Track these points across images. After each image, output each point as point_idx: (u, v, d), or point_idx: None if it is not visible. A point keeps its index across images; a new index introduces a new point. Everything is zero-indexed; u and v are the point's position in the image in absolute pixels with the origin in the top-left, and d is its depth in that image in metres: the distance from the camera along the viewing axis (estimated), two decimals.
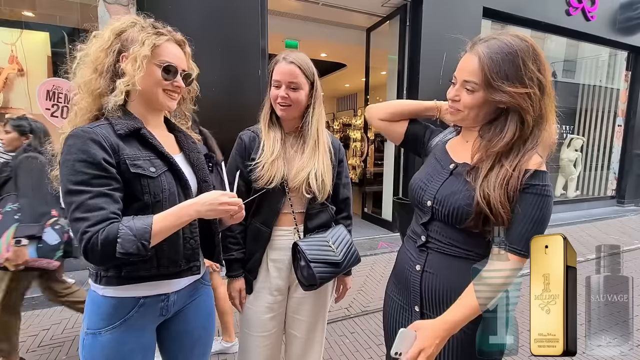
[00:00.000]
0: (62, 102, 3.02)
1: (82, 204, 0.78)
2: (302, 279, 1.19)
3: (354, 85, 9.48)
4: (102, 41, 0.88)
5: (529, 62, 0.79)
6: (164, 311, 0.97)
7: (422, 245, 0.94)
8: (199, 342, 1.09)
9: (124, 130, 0.86)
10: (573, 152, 6.22)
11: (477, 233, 0.85)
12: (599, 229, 5.22)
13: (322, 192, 1.22)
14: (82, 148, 0.80)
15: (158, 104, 0.95)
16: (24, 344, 2.23)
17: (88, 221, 0.77)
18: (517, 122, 0.80)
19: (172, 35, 0.95)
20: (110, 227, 0.78)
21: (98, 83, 0.87)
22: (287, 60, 1.18)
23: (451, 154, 0.97)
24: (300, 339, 1.33)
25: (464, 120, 0.90)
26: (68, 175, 0.79)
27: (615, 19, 5.71)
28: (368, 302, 2.87)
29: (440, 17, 4.17)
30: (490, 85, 0.80)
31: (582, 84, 6.47)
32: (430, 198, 0.92)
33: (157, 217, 0.82)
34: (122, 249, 0.77)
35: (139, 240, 0.78)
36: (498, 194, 0.79)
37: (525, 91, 0.78)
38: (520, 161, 0.81)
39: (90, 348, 0.88)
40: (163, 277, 0.93)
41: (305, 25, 4.87)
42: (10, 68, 2.99)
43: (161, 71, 0.90)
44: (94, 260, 0.80)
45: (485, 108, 0.85)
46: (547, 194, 0.80)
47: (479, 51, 0.82)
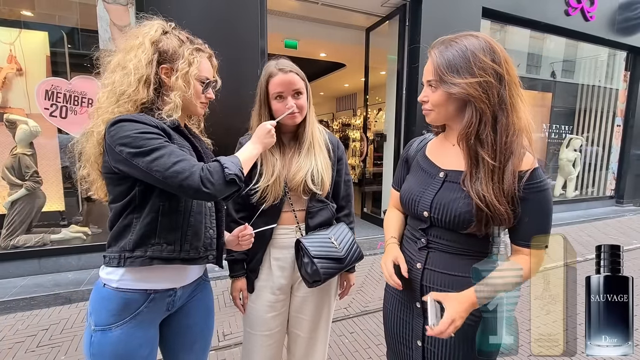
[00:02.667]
0: (60, 102, 3.01)
1: (172, 152, 0.85)
2: (306, 275, 1.19)
3: (353, 85, 9.48)
4: (143, 50, 0.93)
5: (480, 54, 0.83)
6: (170, 306, 1.01)
7: (424, 247, 0.96)
8: (200, 337, 1.11)
9: (170, 122, 0.94)
10: (572, 152, 6.23)
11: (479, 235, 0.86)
12: (598, 229, 5.22)
13: (322, 189, 1.23)
14: (136, 123, 0.85)
15: (194, 112, 1.06)
16: (22, 344, 2.23)
17: (189, 160, 0.86)
18: (472, 110, 0.84)
19: (205, 50, 1.04)
20: (212, 162, 0.89)
21: (144, 93, 0.92)
22: (283, 70, 1.17)
23: (435, 161, 0.99)
24: (304, 338, 1.32)
25: (437, 118, 0.94)
26: (137, 141, 0.83)
27: (614, 19, 5.71)
28: (367, 302, 2.87)
29: (440, 17, 4.17)
30: (443, 80, 0.85)
31: (581, 84, 6.47)
32: (426, 208, 0.93)
33: (238, 153, 0.98)
34: (230, 171, 0.87)
35: (237, 166, 0.90)
36: (493, 193, 0.81)
37: (475, 80, 0.82)
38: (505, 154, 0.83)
39: (100, 344, 0.90)
40: (183, 261, 0.97)
41: (305, 25, 4.86)
42: (9, 67, 2.98)
43: (202, 86, 1.00)
44: (211, 188, 0.85)
45: (450, 103, 0.88)
46: (546, 188, 0.84)
47: (432, 53, 0.89)
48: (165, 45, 0.95)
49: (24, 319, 2.55)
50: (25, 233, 3.11)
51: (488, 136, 0.83)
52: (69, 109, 3.03)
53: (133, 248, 0.90)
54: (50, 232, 3.22)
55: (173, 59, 0.95)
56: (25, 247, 3.07)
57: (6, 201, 3.06)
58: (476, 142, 0.84)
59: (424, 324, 0.95)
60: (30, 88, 3.00)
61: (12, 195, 3.07)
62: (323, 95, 11.74)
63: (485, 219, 0.82)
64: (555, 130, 6.28)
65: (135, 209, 0.91)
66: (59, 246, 3.17)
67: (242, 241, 1.10)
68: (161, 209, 0.92)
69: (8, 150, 3.03)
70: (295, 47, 5.44)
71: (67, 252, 3.15)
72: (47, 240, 3.16)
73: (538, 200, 0.83)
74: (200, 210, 1.01)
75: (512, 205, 0.82)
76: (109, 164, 0.88)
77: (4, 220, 3.06)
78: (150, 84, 0.93)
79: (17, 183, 3.07)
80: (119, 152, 0.83)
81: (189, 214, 0.97)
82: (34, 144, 3.12)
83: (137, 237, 0.90)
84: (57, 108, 3.00)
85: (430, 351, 0.94)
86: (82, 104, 3.07)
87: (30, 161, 3.09)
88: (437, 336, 0.81)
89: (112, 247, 0.92)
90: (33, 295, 2.71)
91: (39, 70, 3.07)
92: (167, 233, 0.93)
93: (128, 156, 0.82)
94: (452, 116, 0.90)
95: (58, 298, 2.75)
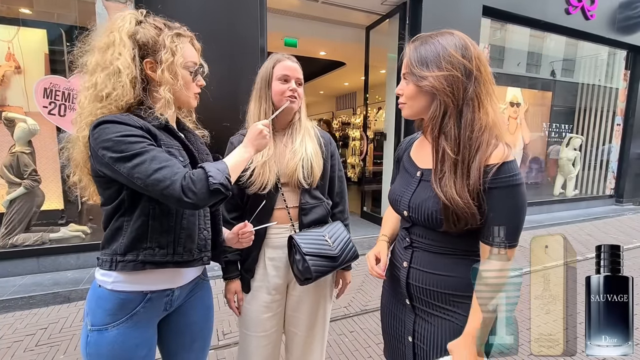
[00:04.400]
0: (59, 100, 3.00)
1: (154, 158, 0.81)
2: (297, 272, 1.18)
3: (353, 83, 9.46)
4: (124, 47, 0.87)
5: (451, 49, 0.84)
6: (168, 306, 1.00)
7: (408, 246, 0.98)
8: (199, 336, 1.10)
9: (157, 122, 0.90)
10: (572, 151, 6.23)
11: (461, 233, 0.86)
12: (598, 228, 5.23)
13: (311, 178, 1.23)
14: (119, 125, 0.81)
15: (187, 105, 1.00)
16: (21, 343, 2.23)
17: (172, 167, 0.81)
18: (437, 103, 0.85)
19: (186, 33, 0.96)
20: (196, 170, 0.84)
21: (131, 94, 0.87)
22: (291, 59, 1.24)
23: (416, 161, 1.00)
24: (301, 337, 1.32)
25: (410, 113, 0.94)
26: (119, 145, 0.79)
27: (615, 18, 5.70)
28: (367, 301, 2.87)
29: (440, 16, 4.16)
30: (412, 73, 0.87)
31: (581, 83, 6.47)
32: (406, 208, 0.95)
33: (226, 159, 0.91)
34: (215, 180, 0.82)
35: (223, 174, 0.84)
36: (455, 188, 0.81)
37: (442, 74, 0.83)
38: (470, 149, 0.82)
39: (96, 344, 0.89)
40: (176, 264, 0.95)
41: (305, 23, 4.85)
42: (7, 65, 2.97)
43: (191, 74, 0.94)
44: (193, 197, 0.81)
45: (420, 96, 0.88)
46: (516, 183, 0.80)
47: (408, 47, 0.90)
48: (144, 37, 0.89)
49: (22, 317, 2.55)
50: (24, 232, 3.10)
51: (452, 130, 0.84)
52: (67, 107, 3.03)
53: (124, 252, 0.88)
54: (49, 231, 3.21)
55: (155, 50, 0.89)
56: (24, 246, 3.07)
57: (5, 200, 3.06)
58: (441, 136, 0.85)
59: (414, 320, 0.96)
60: (28, 86, 2.99)
61: (11, 194, 3.06)
62: (323, 94, 11.71)
63: (452, 217, 0.82)
64: (555, 130, 6.27)
65: (125, 212, 0.89)
66: (58, 245, 3.17)
67: (242, 239, 1.09)
68: (151, 212, 0.89)
69: (6, 148, 3.03)
70: (295, 46, 5.42)
71: (66, 251, 3.14)
72: (46, 239, 3.16)
73: (505, 195, 0.80)
74: (193, 212, 0.98)
75: (477, 202, 0.81)
76: (95, 167, 0.86)
77: (3, 218, 3.05)
78: (137, 82, 0.88)
79: (15, 181, 3.06)
80: (101, 155, 0.81)
81: (181, 217, 0.95)
82: (32, 143, 3.11)
83: (128, 241, 0.88)
84: (56, 106, 2.99)
85: (419, 347, 0.95)
86: None
87: (28, 159, 3.09)
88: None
89: (105, 250, 0.91)
90: (32, 294, 2.71)
91: (37, 68, 3.06)
92: (159, 236, 0.91)
93: (110, 161, 0.80)
94: (423, 110, 0.90)
95: (57, 297, 2.74)
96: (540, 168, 6.28)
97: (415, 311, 0.96)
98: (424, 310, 0.94)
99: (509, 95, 5.57)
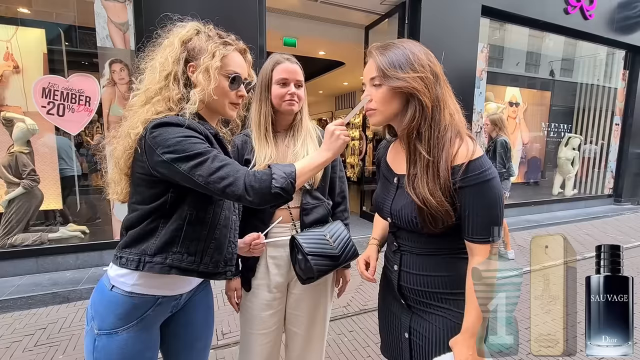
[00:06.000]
0: (58, 100, 2.99)
1: (215, 157, 0.83)
2: (299, 272, 1.20)
3: (352, 83, 9.46)
4: (172, 49, 0.90)
5: (418, 53, 0.87)
6: (174, 309, 1.01)
7: (396, 250, 1.00)
8: (201, 337, 1.11)
9: (212, 131, 0.93)
10: (571, 150, 6.24)
11: (443, 233, 0.88)
12: (597, 228, 5.24)
13: (313, 179, 1.25)
14: (180, 127, 0.83)
15: (223, 113, 0.99)
16: (20, 343, 2.22)
17: (233, 165, 0.83)
18: (415, 105, 0.86)
19: (236, 44, 0.98)
20: (262, 170, 0.85)
21: (175, 89, 0.89)
22: (290, 60, 1.24)
23: (392, 166, 1.02)
24: (301, 336, 1.33)
25: (380, 119, 0.93)
26: (180, 145, 0.81)
27: (614, 17, 5.71)
28: (366, 300, 2.87)
29: (439, 16, 4.16)
30: (386, 75, 0.86)
31: (580, 83, 6.48)
32: (388, 214, 0.98)
33: (297, 163, 0.91)
34: (277, 184, 0.83)
35: (288, 178, 0.85)
36: (427, 188, 0.83)
37: (418, 75, 0.85)
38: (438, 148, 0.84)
39: (106, 349, 0.88)
40: (200, 274, 0.94)
41: (304, 23, 4.85)
42: (6, 65, 2.96)
43: (228, 82, 0.94)
44: (255, 197, 0.82)
45: (394, 99, 0.88)
46: (486, 179, 0.81)
47: (372, 53, 0.91)
48: (194, 43, 0.92)
49: (21, 317, 2.54)
50: (22, 232, 3.10)
51: (426, 131, 0.86)
52: (66, 107, 3.02)
53: (154, 253, 0.88)
54: (48, 231, 3.21)
55: (199, 55, 0.91)
56: (23, 246, 3.06)
57: (3, 199, 3.05)
58: (416, 138, 0.87)
59: (411, 318, 0.98)
60: (27, 86, 2.98)
61: (10, 194, 3.06)
62: (322, 94, 11.70)
63: (428, 217, 0.84)
64: (554, 129, 6.29)
65: (164, 214, 0.89)
66: (57, 245, 3.17)
67: (254, 249, 1.12)
68: (188, 217, 0.89)
69: (5, 148, 3.02)
70: (294, 45, 5.42)
71: (65, 251, 3.14)
72: (45, 239, 3.15)
73: (476, 192, 0.82)
74: (226, 224, 0.98)
75: (450, 199, 0.83)
76: (146, 166, 0.85)
77: (1, 218, 3.05)
78: (180, 80, 0.90)
79: (14, 181, 3.05)
80: (160, 154, 0.81)
81: (215, 227, 0.95)
82: (31, 142, 3.10)
83: (160, 243, 0.88)
84: (55, 106, 2.99)
85: (415, 343, 0.97)
86: (80, 102, 3.05)
87: (27, 159, 3.08)
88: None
89: (131, 249, 0.89)
90: (31, 294, 2.70)
91: (36, 67, 3.05)
92: (190, 243, 0.91)
93: (170, 159, 0.80)
94: (395, 114, 0.90)
95: (56, 297, 2.74)
96: (538, 167, 6.29)
97: (411, 309, 0.98)
98: (419, 309, 0.96)
99: (508, 95, 5.58)
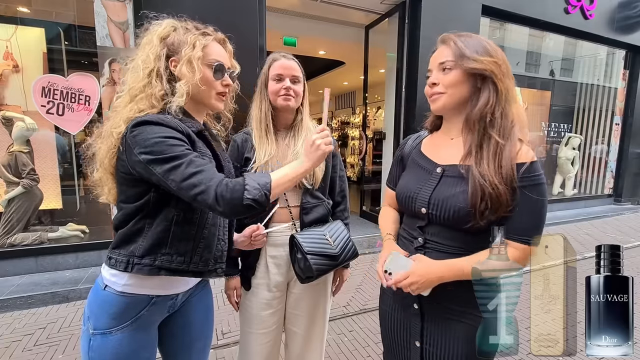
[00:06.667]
0: (57, 99, 2.98)
1: (191, 162, 0.80)
2: (299, 271, 1.20)
3: (352, 83, 9.45)
4: (151, 47, 0.90)
5: (492, 44, 0.89)
6: (171, 309, 1.00)
7: (420, 246, 0.94)
8: (200, 336, 1.10)
9: (195, 128, 0.91)
10: (571, 150, 6.23)
11: (478, 231, 0.85)
12: (597, 227, 5.24)
13: (313, 179, 1.25)
14: (161, 127, 0.82)
15: (209, 106, 0.97)
16: (19, 343, 2.22)
17: (208, 172, 0.81)
18: (490, 89, 0.86)
19: (214, 34, 0.97)
20: (235, 179, 0.83)
21: (158, 86, 0.89)
22: (286, 57, 1.26)
23: (432, 157, 0.98)
24: (301, 335, 1.33)
25: (448, 102, 0.91)
26: (158, 146, 0.80)
27: (614, 17, 5.71)
28: (366, 300, 2.86)
29: (439, 15, 4.16)
30: (465, 56, 0.87)
31: (580, 83, 6.47)
32: (424, 205, 0.92)
33: (274, 173, 0.88)
34: (249, 195, 0.80)
35: (262, 189, 0.82)
36: (495, 174, 0.82)
37: (495, 60, 0.86)
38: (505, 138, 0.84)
39: (100, 348, 0.88)
40: (191, 273, 0.94)
41: (304, 22, 4.84)
42: (5, 64, 2.96)
43: (212, 72, 0.92)
44: (225, 208, 0.80)
45: (466, 82, 0.88)
46: (542, 182, 0.84)
47: (449, 38, 0.91)
48: (172, 39, 0.92)
49: (21, 317, 2.54)
50: (22, 231, 3.09)
51: (499, 118, 0.86)
52: (65, 106, 3.01)
53: (142, 255, 0.87)
54: (48, 230, 3.20)
55: (179, 48, 0.90)
56: (23, 245, 3.06)
57: (3, 199, 3.05)
58: (489, 123, 0.86)
59: (422, 325, 0.95)
60: (26, 85, 2.98)
61: (9, 193, 3.05)
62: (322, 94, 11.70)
63: (484, 206, 0.82)
64: (554, 129, 6.28)
65: (148, 214, 0.88)
66: (57, 244, 3.16)
67: (255, 241, 1.11)
68: (175, 218, 0.89)
69: (5, 147, 3.01)
70: (294, 45, 5.41)
71: (64, 251, 3.14)
72: (45, 239, 3.15)
73: (531, 193, 0.83)
74: (214, 222, 0.98)
75: (511, 191, 0.83)
76: (126, 164, 0.85)
77: (1, 218, 3.04)
78: (162, 76, 0.89)
79: (13, 181, 3.05)
80: (137, 154, 0.80)
81: (204, 226, 0.94)
82: (30, 142, 3.10)
83: (147, 244, 0.87)
84: (54, 105, 2.98)
85: (428, 351, 0.94)
86: (79, 101, 3.05)
87: (27, 159, 3.08)
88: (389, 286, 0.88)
89: (120, 250, 0.89)
90: (30, 293, 2.70)
91: (35, 67, 3.05)
92: (179, 243, 0.90)
93: (146, 160, 0.80)
94: (464, 99, 0.89)
95: (55, 296, 2.74)
96: None
97: (423, 315, 0.94)
98: (437, 314, 0.92)
99: None
